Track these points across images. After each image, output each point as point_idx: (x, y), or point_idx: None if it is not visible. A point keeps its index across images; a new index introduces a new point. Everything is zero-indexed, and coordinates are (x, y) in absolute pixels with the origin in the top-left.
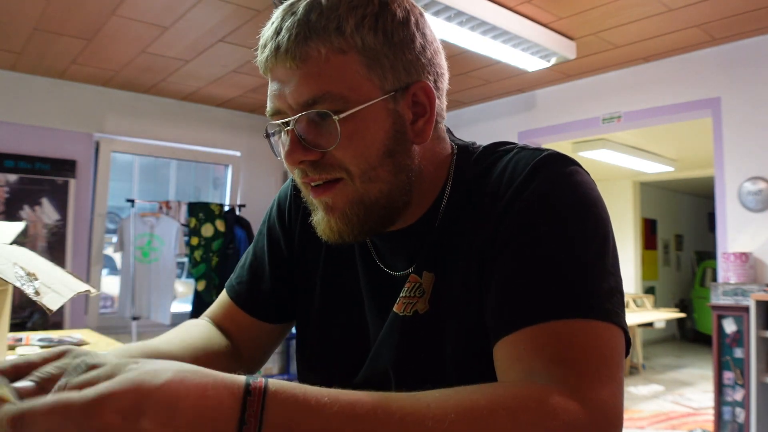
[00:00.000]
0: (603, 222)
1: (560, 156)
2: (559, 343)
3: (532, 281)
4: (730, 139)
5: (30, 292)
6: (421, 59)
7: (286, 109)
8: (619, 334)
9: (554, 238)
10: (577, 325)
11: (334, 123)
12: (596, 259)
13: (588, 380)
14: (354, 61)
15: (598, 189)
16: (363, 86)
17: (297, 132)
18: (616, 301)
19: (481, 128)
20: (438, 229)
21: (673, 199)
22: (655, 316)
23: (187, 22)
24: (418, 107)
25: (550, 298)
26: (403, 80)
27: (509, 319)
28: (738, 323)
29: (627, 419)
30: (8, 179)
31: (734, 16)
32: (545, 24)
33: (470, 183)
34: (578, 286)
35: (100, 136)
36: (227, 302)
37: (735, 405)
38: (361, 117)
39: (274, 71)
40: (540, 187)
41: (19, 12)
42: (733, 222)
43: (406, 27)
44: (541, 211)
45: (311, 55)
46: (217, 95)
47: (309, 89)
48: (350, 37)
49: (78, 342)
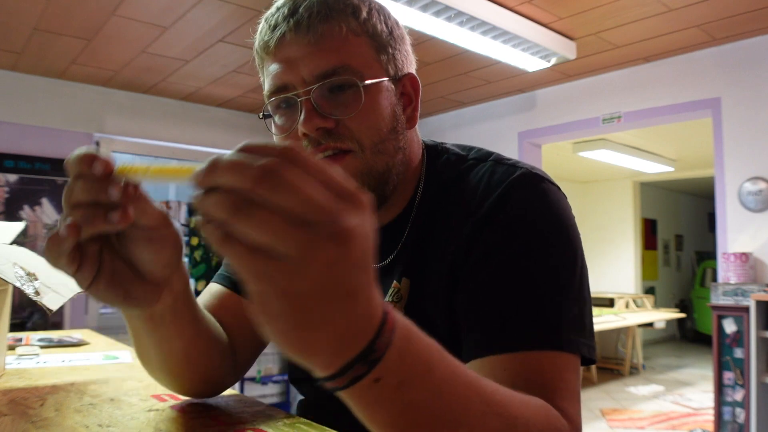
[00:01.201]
0: (574, 244)
1: (534, 174)
2: (533, 372)
3: (506, 307)
4: (730, 139)
5: (30, 292)
6: (410, 56)
7: (297, 83)
8: (576, 359)
9: (529, 262)
10: (546, 355)
11: (351, 93)
12: (567, 285)
13: (563, 402)
14: (365, 43)
15: (569, 204)
16: (374, 66)
17: (314, 100)
18: (579, 328)
19: (481, 128)
20: (412, 232)
21: (673, 199)
22: (655, 316)
23: (187, 22)
24: (405, 98)
25: (523, 329)
26: (399, 70)
27: (484, 343)
28: (738, 323)
29: (627, 419)
30: (8, 179)
31: (734, 17)
32: (545, 24)
33: (442, 186)
34: (549, 316)
35: (100, 136)
36: (221, 292)
37: (735, 405)
38: (374, 91)
39: (284, 50)
40: (516, 207)
41: (19, 12)
42: (733, 222)
43: (399, 26)
44: (517, 233)
45: (332, 31)
46: (217, 95)
47: (329, 61)
48: (363, 23)
49: (78, 342)
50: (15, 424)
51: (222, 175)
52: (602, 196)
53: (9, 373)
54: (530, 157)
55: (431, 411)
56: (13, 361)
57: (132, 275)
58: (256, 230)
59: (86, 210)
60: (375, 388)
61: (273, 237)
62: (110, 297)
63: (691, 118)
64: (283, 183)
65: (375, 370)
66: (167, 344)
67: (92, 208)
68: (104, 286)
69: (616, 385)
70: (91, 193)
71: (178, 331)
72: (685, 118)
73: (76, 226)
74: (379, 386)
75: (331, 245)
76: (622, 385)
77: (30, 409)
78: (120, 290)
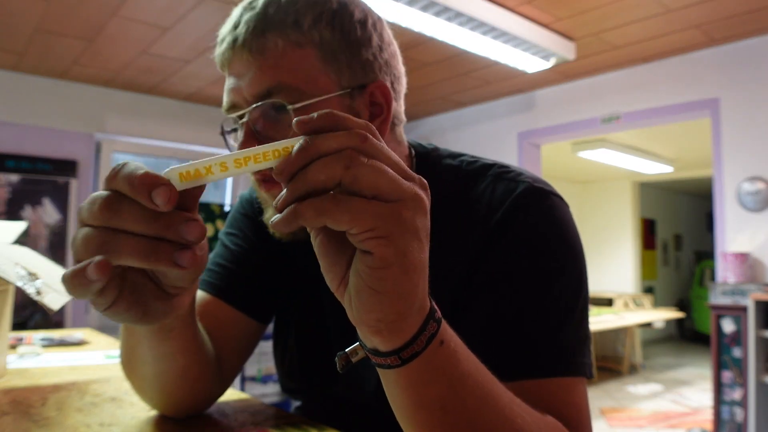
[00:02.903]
0: (579, 264)
1: (537, 190)
2: (544, 399)
3: (514, 335)
4: (728, 140)
5: (31, 292)
6: (379, 60)
7: (241, 102)
8: (583, 381)
9: (536, 288)
10: (557, 382)
11: (289, 115)
12: (572, 307)
13: (571, 424)
14: (310, 55)
15: (571, 216)
16: (319, 80)
17: (251, 124)
18: (584, 349)
19: (481, 129)
20: None
21: (672, 199)
22: (654, 315)
23: (188, 22)
24: (376, 107)
25: (529, 356)
26: (360, 79)
27: (492, 370)
28: (737, 323)
29: (626, 418)
30: (10, 179)
31: (733, 17)
32: (545, 25)
33: (439, 202)
34: (555, 341)
35: (101, 136)
36: (205, 299)
37: (733, 404)
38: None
39: (231, 65)
40: (521, 230)
41: (20, 13)
42: (732, 222)
43: (364, 27)
44: (524, 257)
45: (268, 47)
46: (218, 96)
47: (264, 81)
48: (307, 32)
49: (79, 341)
50: (17, 423)
51: (329, 139)
52: (601, 196)
53: (11, 373)
54: (530, 158)
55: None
56: (14, 361)
57: (154, 289)
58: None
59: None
60: (440, 353)
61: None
62: (129, 317)
63: (689, 119)
64: (382, 147)
65: (440, 331)
66: (169, 360)
67: (150, 242)
68: (125, 307)
69: (615, 385)
70: (151, 227)
71: (182, 346)
72: (684, 119)
73: (107, 267)
74: (443, 350)
75: (424, 193)
76: (621, 384)
77: (32, 408)
78: (140, 309)
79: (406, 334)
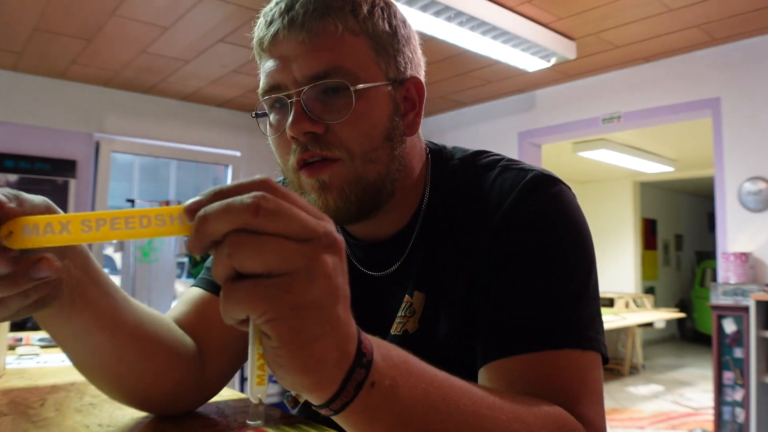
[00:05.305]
0: (588, 246)
1: (545, 177)
2: (551, 372)
3: (524, 308)
4: (729, 140)
5: None
6: (415, 58)
7: (289, 83)
8: (598, 358)
9: (547, 267)
10: (565, 355)
11: (343, 98)
12: (583, 286)
13: (581, 404)
14: (364, 43)
15: (578, 204)
16: (371, 68)
17: (304, 103)
18: (597, 326)
19: (481, 128)
20: (420, 243)
21: (672, 199)
22: (655, 316)
23: (187, 22)
24: (408, 102)
25: (541, 328)
26: (401, 73)
27: (501, 345)
28: (738, 323)
29: (627, 419)
30: (8, 179)
31: (734, 17)
32: (545, 24)
33: (452, 196)
34: (567, 315)
35: (100, 136)
36: (201, 298)
37: (735, 405)
38: (369, 96)
39: (278, 47)
40: (532, 212)
41: (19, 12)
42: (733, 222)
43: (405, 25)
44: (534, 238)
45: (327, 30)
46: (217, 95)
47: (321, 62)
48: (362, 21)
49: None
50: (15, 424)
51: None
52: (602, 196)
53: (9, 373)
54: (530, 157)
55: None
56: (13, 361)
57: None
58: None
59: None
60: (373, 395)
61: (282, 257)
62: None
63: (690, 118)
64: (277, 210)
65: (370, 373)
66: (89, 338)
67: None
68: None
69: (616, 385)
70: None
71: (96, 320)
72: (685, 118)
73: None
74: (376, 391)
75: (329, 255)
76: (622, 384)
77: (30, 408)
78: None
79: (328, 392)
